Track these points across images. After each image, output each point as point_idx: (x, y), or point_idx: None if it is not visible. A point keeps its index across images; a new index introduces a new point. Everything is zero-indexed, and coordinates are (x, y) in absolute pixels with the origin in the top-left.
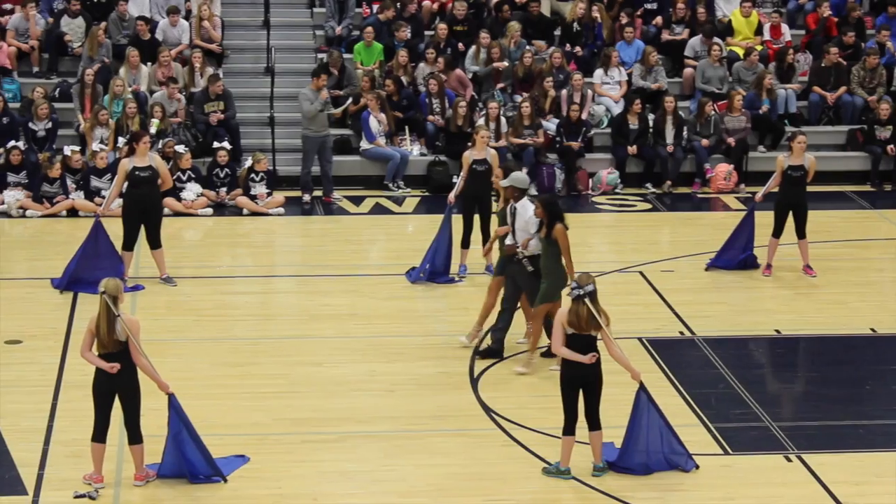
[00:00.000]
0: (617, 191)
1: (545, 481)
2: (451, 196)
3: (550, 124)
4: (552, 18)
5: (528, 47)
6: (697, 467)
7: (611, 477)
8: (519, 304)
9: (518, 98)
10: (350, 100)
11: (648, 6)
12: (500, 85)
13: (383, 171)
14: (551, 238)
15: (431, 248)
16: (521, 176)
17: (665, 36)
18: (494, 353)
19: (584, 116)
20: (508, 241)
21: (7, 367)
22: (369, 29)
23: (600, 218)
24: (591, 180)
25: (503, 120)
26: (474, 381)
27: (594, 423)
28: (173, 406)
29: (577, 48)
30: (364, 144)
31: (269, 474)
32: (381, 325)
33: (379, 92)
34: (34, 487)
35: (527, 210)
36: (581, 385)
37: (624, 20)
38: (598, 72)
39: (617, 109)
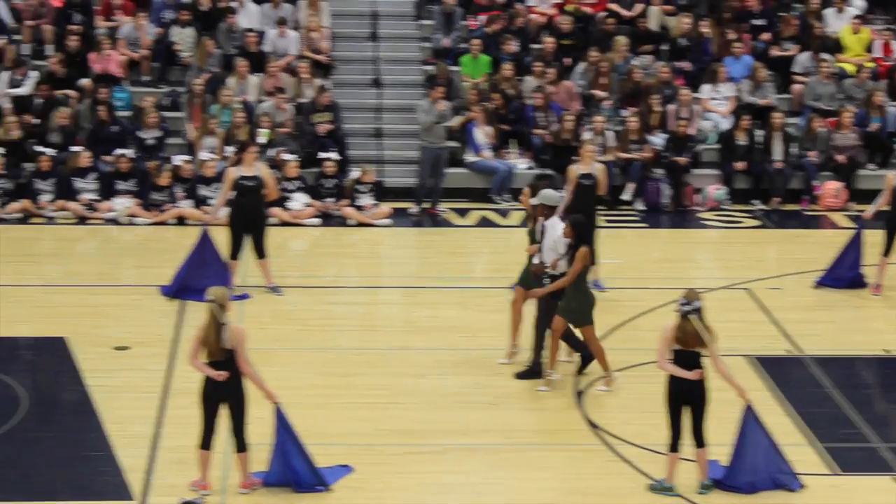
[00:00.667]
0: (724, 207)
1: (650, 498)
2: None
3: (657, 139)
4: (660, 33)
5: (635, 62)
6: (804, 487)
7: (716, 495)
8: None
9: (625, 112)
10: (467, 112)
11: (757, 21)
12: (605, 100)
13: (489, 183)
14: (573, 258)
15: None
16: (551, 193)
17: (774, 52)
18: (534, 374)
19: (691, 132)
20: (536, 259)
21: (115, 373)
22: (476, 41)
23: (707, 234)
24: (697, 196)
25: (610, 134)
26: (579, 396)
27: (700, 441)
28: (279, 415)
29: (685, 63)
30: (470, 157)
31: (371, 485)
32: (486, 338)
33: (485, 105)
34: (141, 493)
35: (556, 229)
36: (686, 401)
37: (732, 35)
38: (706, 87)
39: (725, 125)
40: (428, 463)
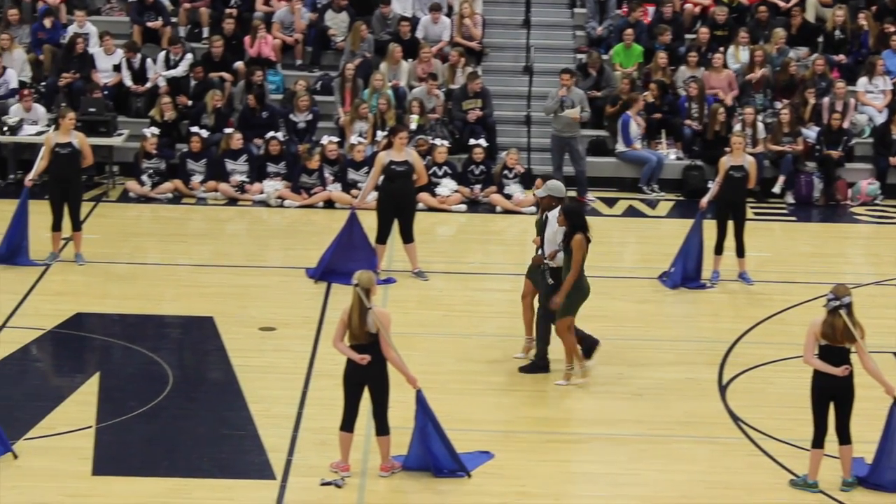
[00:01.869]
0: (877, 202)
1: (792, 493)
2: (704, 201)
3: (810, 132)
4: (816, 25)
5: (790, 54)
6: None
7: (859, 493)
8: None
9: (778, 105)
10: (577, 107)
11: None
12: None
13: (638, 173)
14: (569, 248)
15: (680, 253)
16: (557, 185)
17: None
18: (539, 368)
19: (845, 125)
20: (539, 251)
21: (261, 353)
22: (629, 31)
23: (858, 229)
24: (850, 190)
25: (761, 126)
26: (723, 389)
27: (844, 437)
28: (420, 400)
29: (841, 56)
30: (620, 147)
31: (512, 472)
32: (631, 328)
33: (642, 95)
34: (282, 473)
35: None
36: (832, 398)
37: (890, 28)
38: (863, 80)
39: (880, 119)
40: (569, 452)
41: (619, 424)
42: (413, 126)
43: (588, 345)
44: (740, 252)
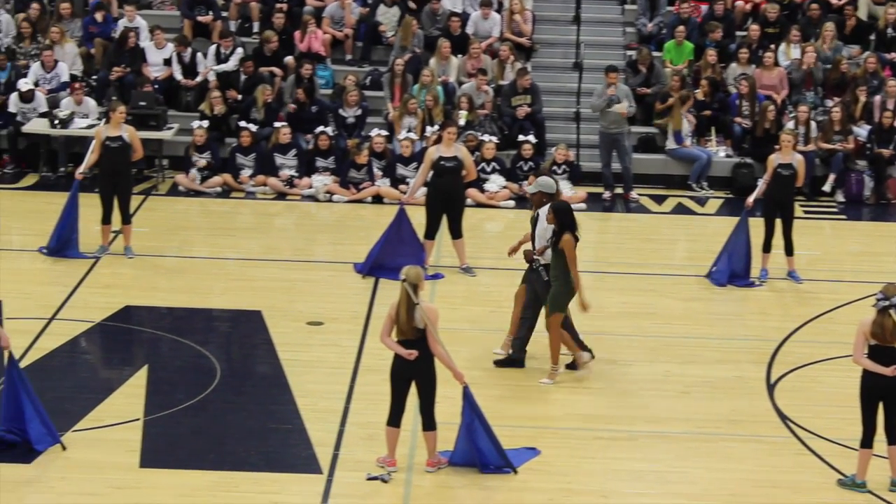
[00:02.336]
0: None
1: (840, 493)
2: (750, 200)
3: (861, 130)
4: (868, 23)
5: (842, 52)
6: None
7: None
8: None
9: (829, 102)
10: (623, 102)
11: None
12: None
13: (687, 170)
14: (558, 247)
15: (724, 251)
16: (548, 181)
17: None
18: (514, 362)
19: None
20: (528, 247)
21: (308, 347)
22: (681, 27)
23: None
24: None
25: (813, 124)
26: (770, 388)
27: (894, 437)
28: (467, 396)
29: (893, 54)
30: (670, 144)
31: (558, 468)
32: (678, 326)
33: (692, 92)
34: (329, 467)
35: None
36: (881, 397)
37: None
38: None
39: None
40: (616, 449)
41: (667, 422)
42: (462, 122)
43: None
44: (789, 250)
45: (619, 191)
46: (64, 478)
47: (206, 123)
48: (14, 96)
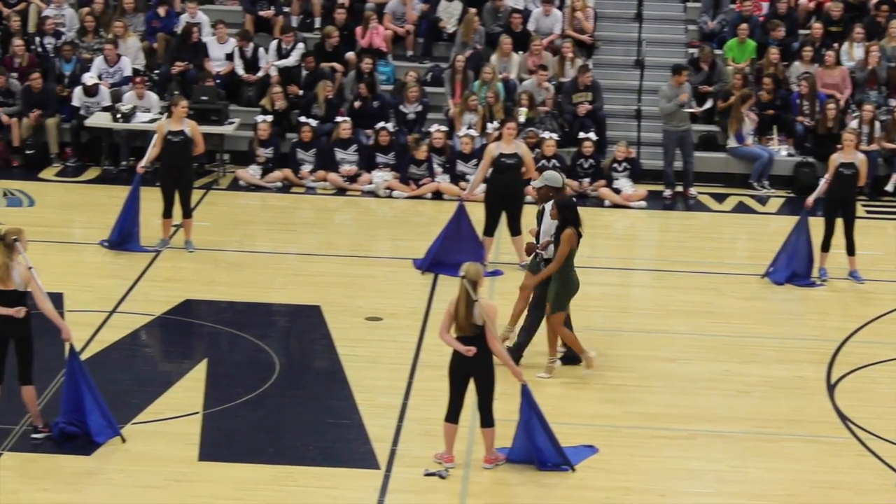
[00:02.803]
0: None
1: None
2: (810, 200)
3: None
4: None
5: None
6: None
7: None
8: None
9: (892, 102)
10: (710, 101)
11: None
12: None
13: (748, 169)
14: (559, 241)
15: (783, 251)
16: (554, 175)
17: None
18: (514, 350)
19: None
20: (532, 240)
21: (367, 343)
22: (744, 25)
23: None
24: None
25: (877, 124)
26: (831, 388)
27: None
28: (525, 393)
29: None
30: (732, 142)
31: (616, 467)
32: (738, 325)
33: (753, 90)
34: (386, 462)
35: None
36: None
37: None
38: None
39: None
40: (674, 448)
41: (726, 421)
42: (522, 119)
43: (571, 355)
44: (851, 250)
45: (678, 188)
46: (123, 470)
47: (269, 118)
48: (78, 90)
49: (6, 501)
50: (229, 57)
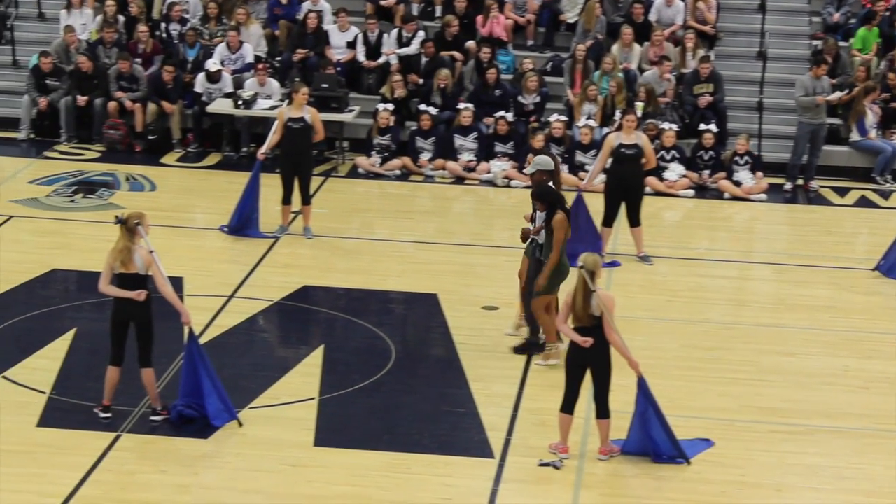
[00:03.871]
0: None
1: None
2: None
3: None
4: None
5: None
6: None
7: None
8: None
9: None
10: (840, 92)
11: None
12: None
13: (871, 163)
14: (550, 227)
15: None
16: (545, 159)
17: None
18: (533, 346)
19: None
20: (528, 226)
21: (483, 332)
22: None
23: None
24: None
25: None
26: None
27: None
28: (642, 385)
29: None
30: (854, 135)
31: (732, 461)
32: (859, 320)
33: (877, 83)
34: (501, 452)
35: None
36: None
37: None
38: None
39: None
40: (791, 443)
41: (844, 417)
42: (639, 114)
43: (531, 342)
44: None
45: (799, 181)
46: (239, 454)
47: (390, 106)
48: (201, 76)
49: (124, 482)
50: (350, 45)
